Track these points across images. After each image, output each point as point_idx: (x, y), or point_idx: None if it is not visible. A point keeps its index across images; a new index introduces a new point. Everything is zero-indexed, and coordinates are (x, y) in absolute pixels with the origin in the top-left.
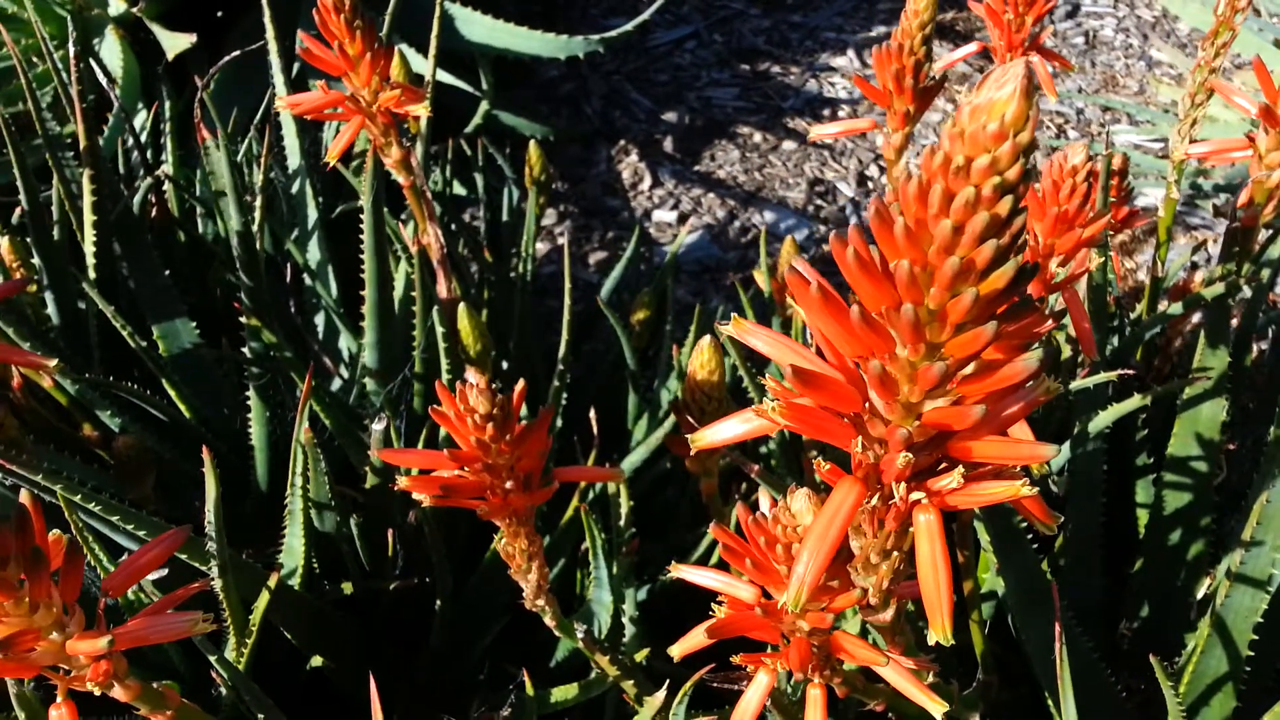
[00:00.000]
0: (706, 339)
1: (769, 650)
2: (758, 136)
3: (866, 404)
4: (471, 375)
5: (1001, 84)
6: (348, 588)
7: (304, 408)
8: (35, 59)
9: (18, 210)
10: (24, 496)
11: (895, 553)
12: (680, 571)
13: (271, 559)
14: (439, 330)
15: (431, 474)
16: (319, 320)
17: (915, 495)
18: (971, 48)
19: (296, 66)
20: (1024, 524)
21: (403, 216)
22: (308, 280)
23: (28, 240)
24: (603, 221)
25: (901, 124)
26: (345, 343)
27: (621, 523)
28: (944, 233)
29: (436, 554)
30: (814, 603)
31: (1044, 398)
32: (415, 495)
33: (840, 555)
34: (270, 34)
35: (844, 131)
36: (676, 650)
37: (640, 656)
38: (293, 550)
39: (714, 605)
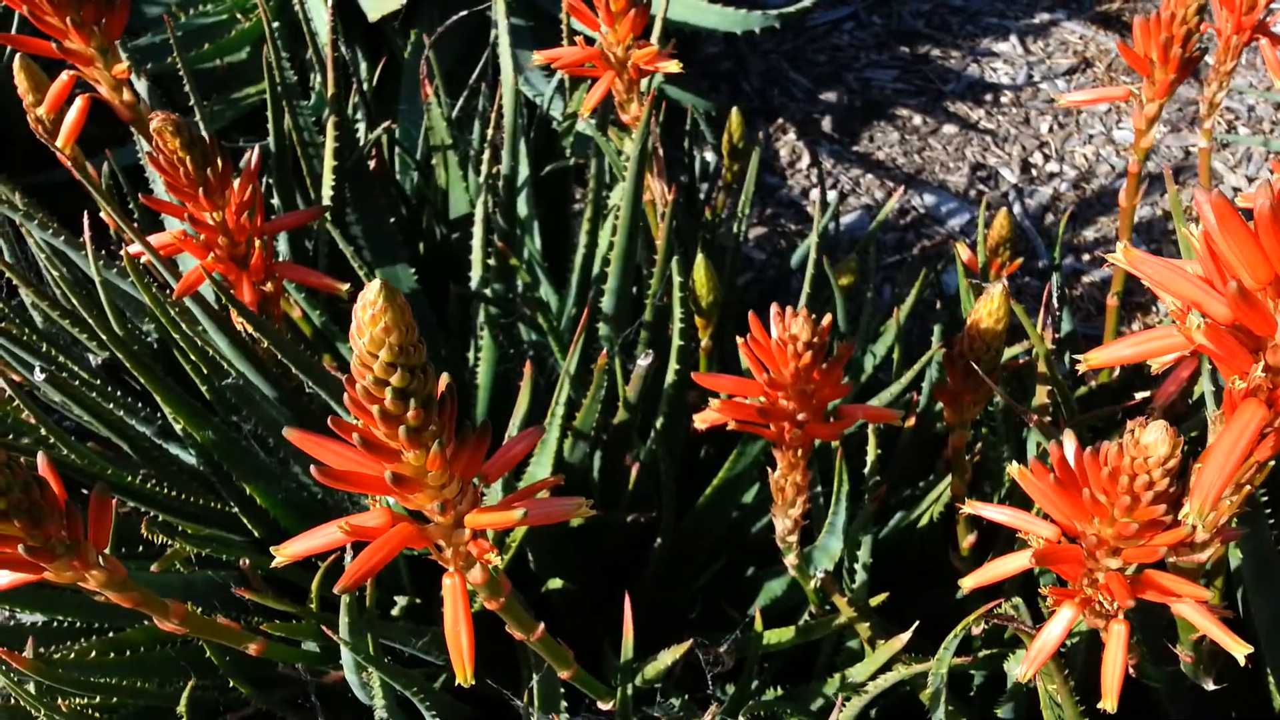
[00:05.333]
0: (999, 287)
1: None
2: (917, 119)
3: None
4: (774, 308)
5: None
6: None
7: (579, 339)
8: (239, 16)
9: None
10: (444, 380)
11: (1248, 486)
12: (976, 508)
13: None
14: (676, 280)
15: (735, 400)
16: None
17: None
18: None
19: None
20: (1264, 496)
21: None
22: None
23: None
24: (761, 198)
25: (1161, 93)
26: (543, 294)
27: (867, 470)
28: None
29: (667, 494)
30: (1133, 540)
31: None
32: (700, 424)
33: (1164, 497)
34: None
35: (1095, 99)
36: (970, 582)
37: (876, 602)
38: (534, 478)
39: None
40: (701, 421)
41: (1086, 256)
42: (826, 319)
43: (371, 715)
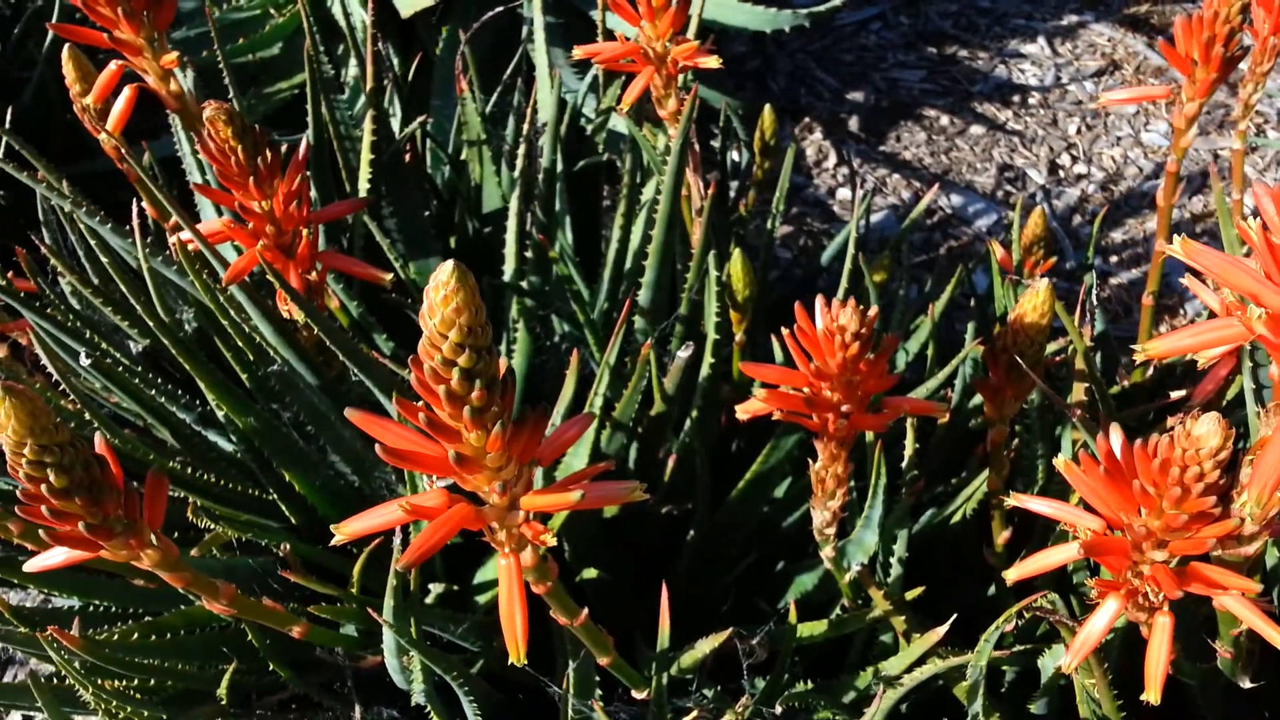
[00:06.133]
0: (1044, 282)
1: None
2: (944, 119)
3: None
4: (819, 299)
5: None
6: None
7: (619, 330)
8: (272, 10)
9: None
10: (503, 363)
11: None
12: (1022, 501)
13: None
14: (712, 274)
15: (780, 390)
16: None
17: None
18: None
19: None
20: None
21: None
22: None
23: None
24: (786, 197)
25: (1202, 92)
26: (576, 288)
27: (904, 464)
28: None
29: (702, 486)
30: (1180, 532)
31: None
32: (743, 414)
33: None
34: None
35: (1135, 98)
36: (1014, 574)
37: (912, 596)
38: (569, 469)
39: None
40: (744, 411)
41: (1114, 258)
42: (873, 310)
43: (406, 700)
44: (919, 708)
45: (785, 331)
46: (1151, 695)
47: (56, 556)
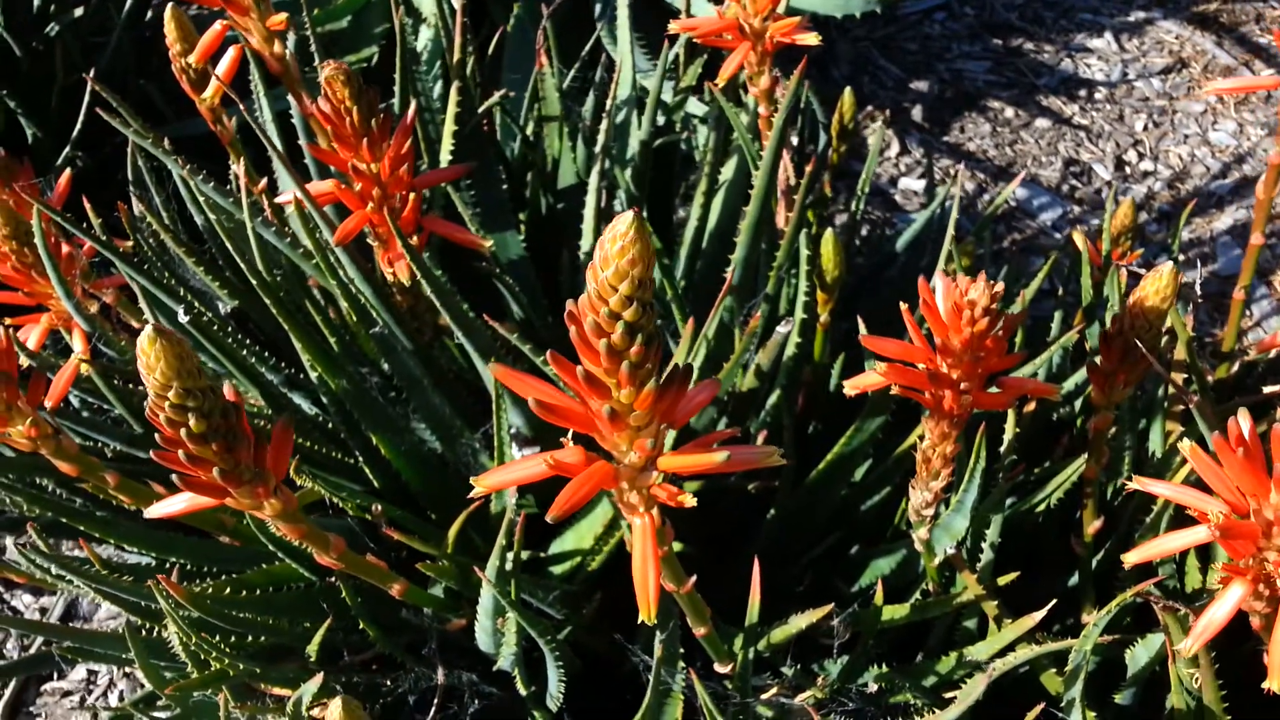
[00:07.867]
0: (1168, 265)
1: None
2: (1009, 112)
3: None
4: (940, 275)
5: None
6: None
7: (721, 300)
8: None
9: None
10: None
11: None
12: (1147, 485)
13: None
14: (803, 254)
15: (899, 364)
16: None
17: None
18: None
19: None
20: None
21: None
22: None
23: None
24: (847, 185)
25: None
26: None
27: (1003, 448)
28: None
29: (789, 460)
30: None
31: None
32: (851, 389)
33: None
34: None
35: (1241, 88)
36: (1134, 557)
37: (1004, 581)
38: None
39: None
40: (855, 386)
41: (1181, 257)
42: (999, 285)
43: (487, 666)
44: (996, 694)
45: (904, 306)
46: (1275, 683)
47: (179, 503)
